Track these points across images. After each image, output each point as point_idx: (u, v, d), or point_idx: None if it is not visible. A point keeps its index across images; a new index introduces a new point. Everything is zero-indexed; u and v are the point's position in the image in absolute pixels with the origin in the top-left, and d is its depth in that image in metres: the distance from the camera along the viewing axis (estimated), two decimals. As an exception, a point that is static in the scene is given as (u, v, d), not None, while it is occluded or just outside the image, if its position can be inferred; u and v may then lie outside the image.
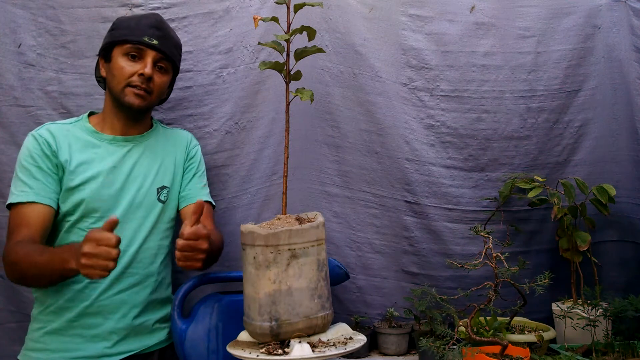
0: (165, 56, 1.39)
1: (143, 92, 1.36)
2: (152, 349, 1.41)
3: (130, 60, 1.35)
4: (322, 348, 1.17)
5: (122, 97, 1.35)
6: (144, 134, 1.45)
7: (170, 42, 1.41)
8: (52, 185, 1.31)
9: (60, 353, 1.30)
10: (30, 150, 1.32)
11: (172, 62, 1.43)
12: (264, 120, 1.69)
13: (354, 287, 1.74)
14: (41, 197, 1.29)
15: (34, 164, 1.31)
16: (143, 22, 1.38)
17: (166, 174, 1.45)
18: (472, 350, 1.22)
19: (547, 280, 1.25)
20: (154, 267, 1.40)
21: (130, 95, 1.35)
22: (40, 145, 1.32)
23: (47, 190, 1.30)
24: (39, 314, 1.34)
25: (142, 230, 1.38)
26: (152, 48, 1.36)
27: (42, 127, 1.36)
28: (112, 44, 1.37)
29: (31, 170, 1.30)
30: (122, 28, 1.37)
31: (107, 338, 1.32)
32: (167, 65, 1.42)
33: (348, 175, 1.74)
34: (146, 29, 1.36)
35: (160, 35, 1.38)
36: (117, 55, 1.36)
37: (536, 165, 1.77)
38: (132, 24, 1.37)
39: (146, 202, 1.39)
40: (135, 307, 1.36)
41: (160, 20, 1.42)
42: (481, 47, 1.76)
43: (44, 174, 1.31)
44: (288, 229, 1.18)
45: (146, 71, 1.34)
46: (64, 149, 1.33)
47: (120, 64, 1.35)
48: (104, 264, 1.08)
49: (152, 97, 1.39)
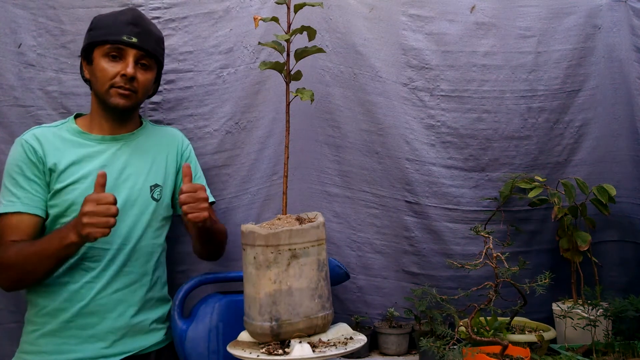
0: (147, 53, 1.37)
1: (128, 92, 1.34)
2: (149, 350, 1.40)
3: (111, 60, 1.33)
4: (322, 348, 1.17)
5: (107, 99, 1.34)
6: (133, 132, 1.44)
7: (150, 38, 1.38)
8: (40, 193, 1.30)
9: (55, 355, 1.28)
10: (16, 158, 1.31)
11: (154, 58, 1.40)
12: (264, 120, 1.69)
13: (355, 287, 1.74)
14: (28, 207, 1.29)
15: (20, 172, 1.30)
16: (120, 19, 1.35)
17: (158, 172, 1.44)
18: (472, 350, 1.22)
19: (547, 280, 1.25)
20: (149, 265, 1.40)
21: (115, 96, 1.34)
22: (25, 152, 1.30)
23: (34, 199, 1.29)
24: (33, 317, 1.32)
25: (137, 228, 1.37)
26: (132, 46, 1.33)
27: (28, 132, 1.35)
28: (92, 45, 1.34)
29: (17, 179, 1.30)
30: (99, 28, 1.34)
31: (104, 338, 1.31)
32: (149, 62, 1.39)
33: (348, 175, 1.74)
34: (124, 27, 1.33)
35: (139, 31, 1.35)
36: (98, 56, 1.34)
37: (536, 165, 1.77)
38: (110, 22, 1.34)
39: (140, 200, 1.38)
40: (132, 306, 1.35)
41: (138, 15, 1.39)
42: (481, 47, 1.76)
43: (30, 182, 1.30)
44: (288, 229, 1.18)
45: (128, 71, 1.32)
46: (51, 151, 1.32)
47: (101, 66, 1.33)
48: (105, 220, 1.16)
49: (138, 95, 1.38)
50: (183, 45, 1.63)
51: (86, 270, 1.31)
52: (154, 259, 1.42)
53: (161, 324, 1.44)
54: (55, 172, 1.31)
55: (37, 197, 1.30)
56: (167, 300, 1.47)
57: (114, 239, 1.33)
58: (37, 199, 1.30)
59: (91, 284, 1.31)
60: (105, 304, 1.32)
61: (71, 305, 1.30)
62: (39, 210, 1.30)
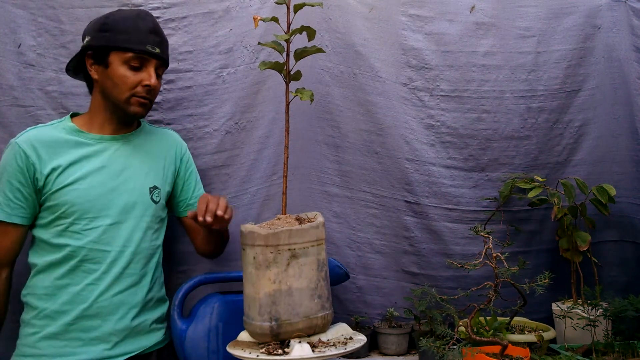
0: (165, 63, 1.39)
1: (147, 101, 1.36)
2: (150, 350, 1.40)
3: (131, 68, 1.32)
4: (322, 348, 1.17)
5: (127, 107, 1.34)
6: (132, 132, 1.44)
7: (166, 46, 1.40)
8: (21, 201, 1.30)
9: (57, 358, 1.28)
10: (5, 161, 1.31)
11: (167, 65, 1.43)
12: (264, 120, 1.69)
13: (354, 287, 1.74)
14: (9, 215, 1.29)
15: (7, 179, 1.30)
16: (141, 26, 1.33)
17: (157, 174, 1.44)
18: (472, 350, 1.22)
19: (547, 280, 1.25)
20: (149, 266, 1.40)
21: (136, 105, 1.34)
22: (15, 158, 1.29)
23: (12, 207, 1.29)
24: (32, 319, 1.32)
25: (138, 230, 1.37)
26: (155, 57, 1.34)
27: (23, 135, 1.33)
28: (109, 48, 1.32)
29: (3, 186, 1.30)
30: (120, 32, 1.31)
31: (107, 340, 1.31)
32: (163, 70, 1.42)
33: (348, 175, 1.74)
34: (147, 36, 1.32)
35: (160, 41, 1.36)
36: (117, 62, 1.32)
37: (536, 165, 1.77)
38: (130, 28, 1.32)
39: (140, 202, 1.38)
40: (133, 308, 1.36)
41: (156, 22, 1.39)
42: (481, 47, 1.76)
43: (13, 189, 1.29)
44: (288, 229, 1.18)
45: (152, 82, 1.33)
46: (47, 155, 1.30)
47: (122, 73, 1.32)
48: None
49: (152, 103, 1.40)
50: (183, 45, 1.63)
51: (87, 273, 1.31)
52: (153, 260, 1.42)
53: (160, 323, 1.45)
54: (53, 175, 1.30)
55: (16, 204, 1.30)
56: (165, 300, 1.48)
57: (115, 241, 1.33)
58: (17, 207, 1.30)
59: (93, 286, 1.31)
60: (107, 306, 1.32)
61: (72, 307, 1.30)
62: (20, 219, 1.31)
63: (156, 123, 1.62)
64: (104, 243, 1.32)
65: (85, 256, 1.31)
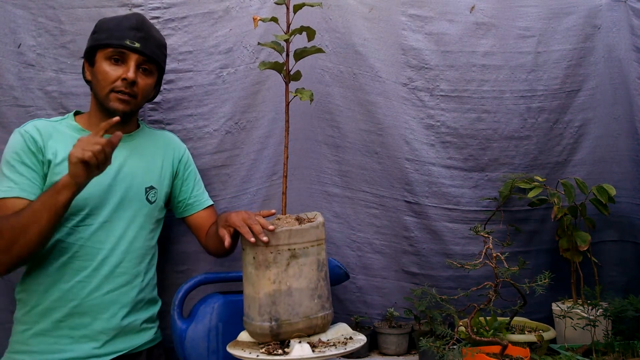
0: (149, 58, 1.38)
1: (127, 96, 1.36)
2: (140, 349, 1.40)
3: (113, 64, 1.35)
4: (322, 348, 1.17)
5: (107, 103, 1.35)
6: (131, 134, 1.44)
7: (152, 43, 1.39)
8: (37, 181, 1.31)
9: (47, 355, 1.28)
10: (15, 146, 1.32)
11: (155, 63, 1.42)
12: (264, 120, 1.69)
13: (354, 287, 1.74)
14: (26, 192, 1.29)
15: (18, 160, 1.30)
16: (124, 23, 1.36)
17: (154, 175, 1.44)
18: (472, 350, 1.22)
19: (547, 280, 1.25)
20: (141, 267, 1.40)
21: (115, 100, 1.35)
22: (25, 141, 1.31)
23: (32, 186, 1.30)
24: (23, 316, 1.32)
25: (131, 229, 1.37)
26: (134, 51, 1.35)
27: (28, 124, 1.35)
28: (95, 48, 1.36)
29: (16, 166, 1.30)
30: (103, 31, 1.36)
31: (96, 338, 1.31)
32: (151, 67, 1.41)
33: (348, 175, 1.74)
34: (127, 32, 1.35)
35: (142, 36, 1.36)
36: (100, 59, 1.35)
37: (536, 165, 1.77)
38: (113, 26, 1.36)
39: (135, 201, 1.39)
40: (124, 307, 1.35)
41: (142, 20, 1.40)
42: (481, 47, 1.76)
43: (28, 170, 1.30)
44: (288, 229, 1.18)
45: (129, 75, 1.34)
46: (51, 144, 1.32)
47: (103, 69, 1.34)
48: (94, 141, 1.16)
49: (137, 100, 1.39)
50: (182, 45, 1.63)
51: (78, 270, 1.31)
52: (146, 261, 1.42)
53: (151, 323, 1.44)
54: (53, 164, 1.31)
55: (34, 184, 1.30)
56: (156, 301, 1.48)
57: (108, 239, 1.33)
58: (35, 186, 1.30)
59: (83, 283, 1.31)
60: (97, 304, 1.32)
61: (63, 304, 1.29)
62: (34, 197, 1.29)
63: (156, 123, 1.62)
64: (96, 241, 1.32)
65: (76, 253, 1.31)
